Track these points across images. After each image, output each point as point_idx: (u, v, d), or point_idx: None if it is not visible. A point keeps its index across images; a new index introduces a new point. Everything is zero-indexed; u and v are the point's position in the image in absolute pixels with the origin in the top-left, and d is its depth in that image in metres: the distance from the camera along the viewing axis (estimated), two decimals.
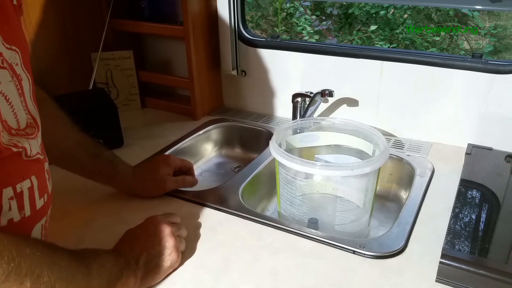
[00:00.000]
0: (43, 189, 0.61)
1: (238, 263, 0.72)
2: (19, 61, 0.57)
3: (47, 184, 0.63)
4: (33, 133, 0.59)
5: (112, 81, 1.34)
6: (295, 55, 1.21)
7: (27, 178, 0.57)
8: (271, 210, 1.04)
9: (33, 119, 0.60)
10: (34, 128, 0.59)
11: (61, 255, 0.53)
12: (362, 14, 3.79)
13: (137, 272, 0.64)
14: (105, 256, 0.61)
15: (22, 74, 0.57)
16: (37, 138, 0.60)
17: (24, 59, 0.58)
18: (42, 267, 0.48)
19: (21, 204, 0.56)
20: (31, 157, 0.57)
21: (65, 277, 0.51)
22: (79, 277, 0.53)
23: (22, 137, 0.56)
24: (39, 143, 0.61)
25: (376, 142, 0.88)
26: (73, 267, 0.53)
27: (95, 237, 0.78)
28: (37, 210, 0.59)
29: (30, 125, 0.58)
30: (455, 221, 0.76)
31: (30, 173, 0.57)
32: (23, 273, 0.45)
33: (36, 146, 0.59)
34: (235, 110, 1.36)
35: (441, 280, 0.67)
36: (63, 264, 0.52)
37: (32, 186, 0.58)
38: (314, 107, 1.13)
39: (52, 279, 0.48)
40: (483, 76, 1.01)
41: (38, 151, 0.60)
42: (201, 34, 1.22)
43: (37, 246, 0.50)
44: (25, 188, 0.56)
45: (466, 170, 0.92)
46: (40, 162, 0.61)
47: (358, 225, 0.86)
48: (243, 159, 1.24)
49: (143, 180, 0.89)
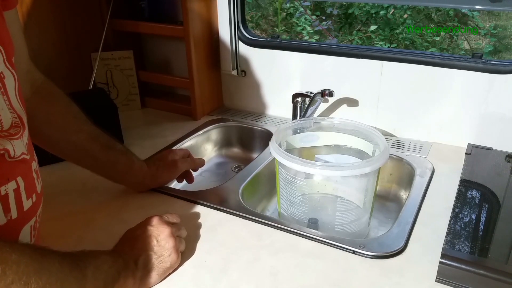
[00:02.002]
0: (31, 190, 0.59)
1: (238, 263, 0.72)
2: (2, 58, 0.55)
3: (35, 183, 0.61)
4: (18, 133, 0.57)
5: (112, 81, 1.34)
6: (295, 55, 1.21)
7: (12, 180, 0.55)
8: (271, 210, 1.04)
9: (18, 118, 0.58)
10: (19, 128, 0.57)
11: (52, 259, 0.52)
12: (362, 14, 3.79)
13: (136, 273, 0.64)
14: (102, 257, 0.60)
15: (6, 71, 0.55)
16: (22, 137, 0.58)
17: (8, 55, 0.56)
18: (30, 273, 0.47)
19: (6, 207, 0.54)
20: (15, 158, 0.55)
21: (55, 282, 0.50)
22: (71, 281, 0.53)
23: (4, 138, 0.54)
24: (25, 143, 0.59)
25: (376, 142, 0.88)
26: (65, 271, 0.52)
27: (95, 237, 0.78)
28: (25, 211, 0.58)
29: (15, 124, 0.57)
30: (455, 221, 0.76)
31: (16, 174, 0.56)
32: (9, 280, 0.44)
33: (21, 146, 0.57)
34: (235, 110, 1.36)
35: (441, 280, 0.67)
36: (54, 269, 0.51)
37: (18, 188, 0.56)
38: (314, 107, 1.13)
39: (41, 285, 0.47)
40: (483, 76, 1.01)
41: (24, 151, 0.58)
42: (201, 34, 1.22)
43: (25, 251, 0.48)
44: (10, 190, 0.55)
45: (466, 170, 0.92)
46: (27, 162, 0.59)
47: (358, 225, 0.86)
48: (243, 159, 1.24)
49: (157, 168, 0.91)
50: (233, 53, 1.27)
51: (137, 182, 0.90)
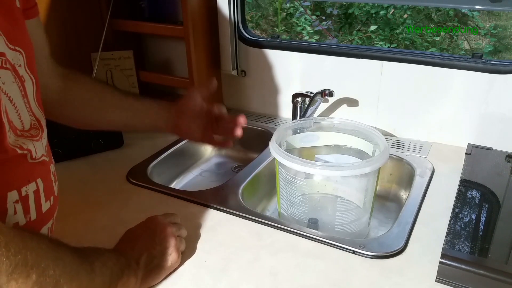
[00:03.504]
0: (49, 192, 0.60)
1: (238, 263, 0.72)
2: (23, 62, 0.57)
3: (53, 186, 0.62)
4: (38, 135, 0.58)
5: (112, 81, 1.34)
6: (295, 55, 1.21)
7: (33, 181, 0.56)
8: (271, 210, 1.04)
9: (37, 121, 0.59)
10: (38, 130, 0.59)
11: (65, 250, 0.53)
12: (362, 14, 3.79)
13: (137, 272, 0.64)
14: (107, 254, 0.61)
15: (26, 75, 0.57)
16: (42, 140, 0.59)
17: (28, 60, 0.58)
18: (48, 260, 0.48)
19: (26, 208, 0.55)
20: (36, 159, 0.57)
21: (69, 272, 0.51)
22: (82, 273, 0.53)
23: (27, 138, 0.55)
24: (44, 145, 0.60)
25: (376, 142, 0.88)
26: (76, 263, 0.53)
27: (95, 237, 0.78)
28: (43, 213, 0.59)
29: (34, 126, 0.58)
30: (455, 221, 0.76)
31: (36, 175, 0.57)
32: (30, 265, 0.45)
33: (41, 148, 0.58)
34: (235, 110, 1.36)
35: (441, 280, 0.67)
36: (67, 259, 0.52)
37: (38, 189, 0.57)
38: (314, 107, 1.13)
39: (57, 273, 0.48)
40: (483, 76, 1.01)
41: (43, 153, 0.59)
42: (201, 34, 1.22)
43: (43, 240, 0.50)
44: (30, 191, 0.56)
45: (466, 170, 0.92)
46: (46, 164, 0.60)
47: (358, 225, 0.86)
48: (243, 159, 1.24)
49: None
50: (233, 53, 1.27)
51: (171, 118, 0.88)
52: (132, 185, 0.95)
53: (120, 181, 0.97)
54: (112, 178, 0.98)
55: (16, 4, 0.58)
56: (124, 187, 0.95)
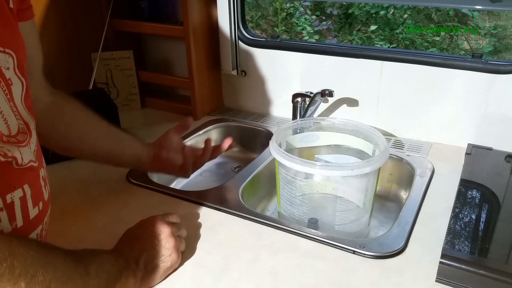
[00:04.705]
0: (37, 197, 0.59)
1: (238, 263, 0.72)
2: (12, 65, 0.54)
3: (42, 191, 0.61)
4: (25, 140, 0.56)
5: (112, 81, 1.34)
6: (295, 55, 1.21)
7: (19, 188, 0.55)
8: (271, 210, 1.04)
9: (25, 125, 0.57)
10: (26, 135, 0.57)
11: (57, 255, 0.52)
12: (362, 14, 3.79)
13: (137, 272, 0.64)
14: (104, 256, 0.60)
15: (14, 78, 0.55)
16: (30, 145, 0.57)
17: (19, 63, 0.56)
18: (37, 266, 0.47)
19: (12, 215, 0.54)
20: (23, 165, 0.55)
21: (61, 277, 0.50)
22: (76, 277, 0.53)
23: (13, 145, 0.53)
24: (33, 150, 0.58)
25: (376, 142, 0.88)
26: (69, 267, 0.53)
27: (95, 237, 0.78)
28: (31, 219, 0.57)
29: (22, 131, 0.56)
30: (455, 221, 0.76)
31: (23, 182, 0.55)
32: (17, 273, 0.44)
33: (28, 154, 0.56)
34: (235, 110, 1.36)
35: (441, 280, 0.67)
36: (59, 264, 0.51)
37: (25, 195, 0.56)
38: (314, 107, 1.13)
39: (48, 279, 0.47)
40: (483, 76, 1.01)
41: (32, 159, 0.57)
42: (201, 34, 1.22)
43: (31, 245, 0.49)
44: (16, 198, 0.54)
45: (466, 170, 0.92)
46: (34, 170, 0.58)
47: (358, 225, 0.86)
48: (243, 159, 1.24)
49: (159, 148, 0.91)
50: (233, 53, 1.27)
51: (149, 158, 0.90)
52: (132, 185, 0.95)
53: (120, 181, 0.97)
54: (112, 178, 0.98)
55: (9, 4, 0.56)
56: (124, 187, 0.95)
